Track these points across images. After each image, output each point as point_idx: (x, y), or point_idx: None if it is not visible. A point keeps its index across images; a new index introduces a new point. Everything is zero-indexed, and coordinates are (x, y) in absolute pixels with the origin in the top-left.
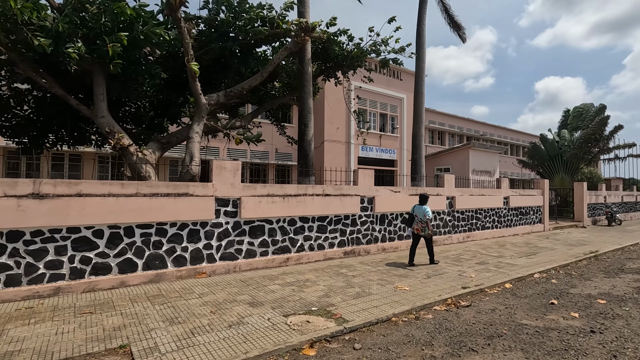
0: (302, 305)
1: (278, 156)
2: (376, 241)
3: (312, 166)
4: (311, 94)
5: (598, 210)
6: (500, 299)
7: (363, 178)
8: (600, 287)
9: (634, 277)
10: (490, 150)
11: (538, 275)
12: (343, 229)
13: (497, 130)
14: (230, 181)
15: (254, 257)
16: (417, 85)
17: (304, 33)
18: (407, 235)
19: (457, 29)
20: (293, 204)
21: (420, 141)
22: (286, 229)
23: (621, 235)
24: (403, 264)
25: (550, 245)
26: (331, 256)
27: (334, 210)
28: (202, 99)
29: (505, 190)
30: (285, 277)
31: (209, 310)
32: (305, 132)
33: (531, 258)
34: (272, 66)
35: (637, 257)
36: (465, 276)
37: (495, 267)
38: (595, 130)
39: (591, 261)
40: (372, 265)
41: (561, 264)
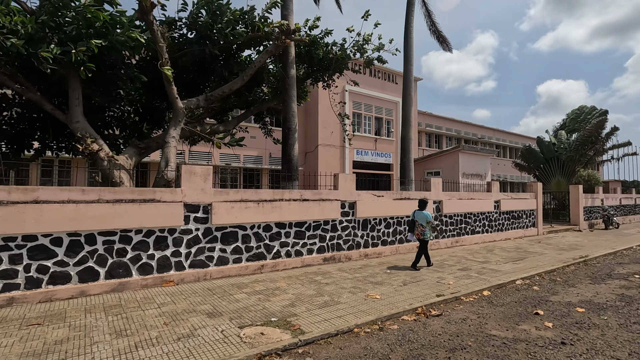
0: (263, 315)
1: (272, 161)
2: (358, 247)
3: (295, 171)
4: (295, 97)
5: (595, 214)
6: (475, 308)
7: (344, 182)
8: (583, 294)
9: (621, 284)
10: (481, 153)
11: (520, 281)
12: (322, 235)
13: (495, 133)
14: (201, 186)
15: (226, 265)
16: (405, 88)
17: (284, 36)
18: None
19: (442, 41)
20: (268, 210)
21: (409, 145)
22: (261, 235)
23: (616, 239)
24: (383, 271)
25: (541, 249)
26: (309, 263)
27: (313, 216)
28: (179, 103)
29: (496, 194)
30: (255, 285)
31: (163, 321)
32: (288, 136)
33: (517, 264)
34: (252, 70)
35: (628, 262)
36: (444, 283)
37: (477, 274)
38: (592, 133)
39: (579, 266)
40: (349, 272)
41: (547, 270)
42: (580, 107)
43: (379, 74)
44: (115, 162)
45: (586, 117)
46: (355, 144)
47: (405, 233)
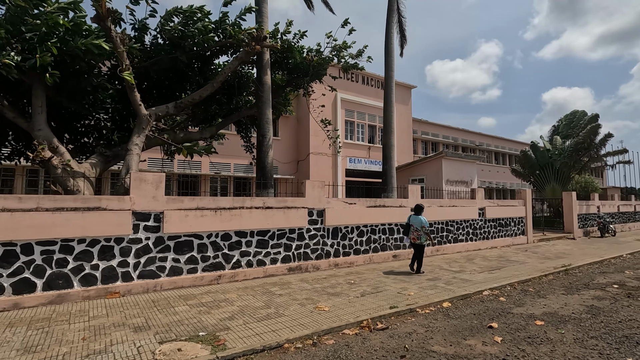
0: (193, 329)
1: None
2: (328, 256)
3: (270, 178)
4: (269, 104)
5: (591, 221)
6: (427, 321)
7: (312, 190)
8: (550, 305)
9: (595, 294)
10: (465, 159)
11: (488, 292)
12: (288, 244)
13: (494, 141)
14: (152, 194)
15: (180, 275)
16: (386, 95)
17: (254, 42)
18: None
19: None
20: (227, 218)
21: (391, 152)
22: (219, 244)
23: (609, 247)
24: (347, 281)
25: (524, 258)
26: (273, 273)
27: (277, 224)
28: (142, 110)
29: (480, 201)
30: (204, 297)
31: (83, 336)
32: (263, 143)
33: (493, 273)
34: (223, 76)
35: (612, 271)
36: (404, 294)
37: (444, 284)
38: (585, 139)
39: (559, 276)
40: (311, 282)
41: (522, 280)
42: (573, 112)
43: (372, 82)
44: (71, 170)
45: (578, 122)
46: (348, 152)
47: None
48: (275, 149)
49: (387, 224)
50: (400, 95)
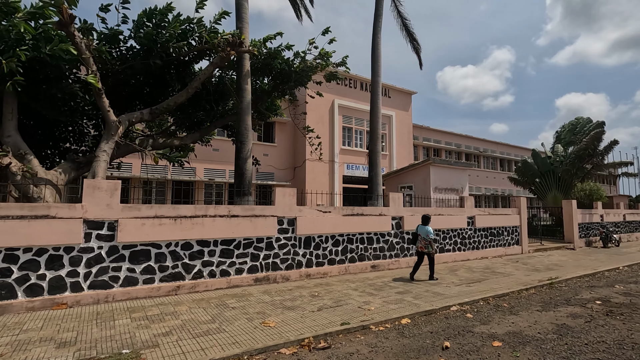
0: (119, 346)
1: (259, 176)
2: (299, 266)
3: (248, 185)
4: (249, 110)
5: (593, 230)
6: (377, 339)
7: (282, 197)
8: (519, 323)
9: (572, 311)
10: (455, 166)
11: (456, 307)
12: (255, 254)
13: (499, 147)
14: (106, 202)
15: (135, 285)
16: (372, 100)
17: (230, 47)
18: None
19: (416, 50)
20: (188, 226)
21: (377, 158)
22: (179, 253)
23: (608, 258)
24: (311, 293)
25: (511, 270)
26: (237, 283)
27: (243, 233)
28: (111, 116)
29: (470, 210)
30: (152, 309)
31: (1, 352)
32: (241, 150)
33: (471, 286)
34: (198, 82)
35: (602, 285)
36: (365, 309)
37: (413, 298)
38: (588, 145)
39: (541, 290)
40: (274, 294)
41: (499, 294)
42: (577, 119)
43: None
44: (31, 177)
45: (582, 129)
46: (346, 159)
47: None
48: (271, 155)
49: (365, 233)
50: (401, 101)
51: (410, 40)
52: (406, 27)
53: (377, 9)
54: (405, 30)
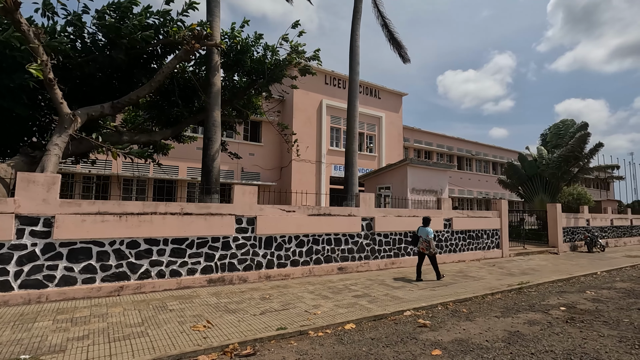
0: (22, 350)
1: (244, 175)
2: (259, 267)
3: (215, 183)
4: (218, 106)
5: (579, 235)
6: (311, 346)
7: (241, 195)
8: (470, 330)
9: (531, 318)
10: (434, 167)
11: (410, 313)
12: (210, 254)
13: (492, 150)
14: (42, 197)
15: (73, 285)
16: (350, 98)
17: (195, 41)
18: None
19: (398, 47)
20: (135, 224)
21: (353, 158)
22: (124, 252)
23: (589, 263)
24: (261, 296)
25: (484, 274)
26: (189, 284)
27: (197, 232)
28: (64, 108)
29: (447, 211)
30: (83, 311)
31: None
32: (209, 146)
33: (435, 290)
34: (161, 76)
35: (574, 291)
36: (312, 312)
37: (368, 302)
38: (574, 148)
39: (508, 295)
40: (222, 296)
41: (461, 299)
42: (562, 121)
43: (360, 88)
44: None
45: (567, 131)
46: (333, 159)
47: None
48: (257, 155)
49: (332, 234)
50: (391, 103)
51: (391, 39)
52: (387, 26)
53: (356, 6)
54: (386, 29)
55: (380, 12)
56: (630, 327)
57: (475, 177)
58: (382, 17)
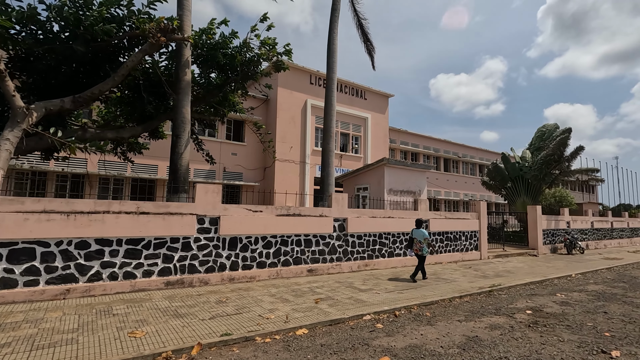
0: None
1: (226, 175)
2: (222, 269)
3: (184, 182)
4: (188, 102)
5: (560, 237)
6: (253, 354)
7: (204, 194)
8: (427, 335)
9: (494, 322)
10: (412, 168)
11: (370, 317)
12: (169, 255)
13: (478, 153)
14: None
15: (13, 288)
16: (327, 97)
17: (161, 34)
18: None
19: (369, 51)
20: (84, 223)
21: (329, 157)
22: (72, 253)
23: (566, 265)
24: (218, 299)
25: (458, 277)
26: (144, 287)
27: (154, 232)
28: (17, 101)
29: (424, 213)
30: (17, 315)
31: None
32: (177, 143)
33: (402, 293)
34: (125, 70)
35: (545, 293)
36: (265, 317)
37: (329, 305)
38: (555, 151)
39: (477, 298)
40: (177, 300)
41: (426, 302)
42: (545, 125)
43: (346, 89)
44: None
45: (550, 135)
46: (318, 160)
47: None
48: (240, 155)
49: (302, 235)
50: (377, 104)
51: (365, 40)
52: (362, 26)
53: (334, 4)
54: (360, 29)
55: (356, 11)
56: (593, 331)
57: (462, 179)
58: (357, 17)
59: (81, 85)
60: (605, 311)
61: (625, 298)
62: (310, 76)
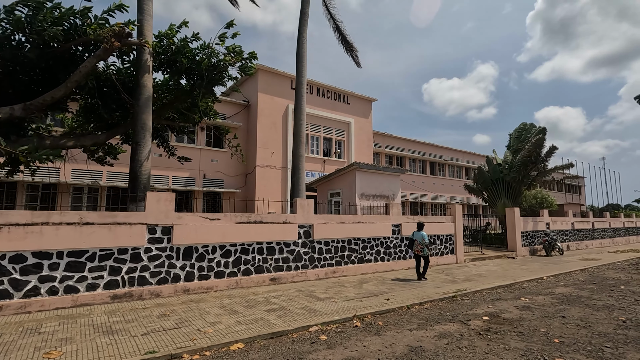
0: None
1: (206, 183)
2: (176, 280)
3: (143, 190)
4: (148, 109)
5: (539, 239)
6: None
7: (156, 202)
8: (371, 347)
9: (445, 330)
10: (385, 172)
11: (317, 328)
12: (116, 267)
13: (464, 156)
14: None
15: None
16: (296, 101)
17: (115, 39)
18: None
19: (350, 50)
20: (20, 236)
21: (300, 162)
22: (5, 268)
23: (541, 267)
24: (162, 314)
25: (425, 282)
26: (88, 301)
27: (100, 243)
28: None
29: (396, 217)
30: None
31: None
32: (136, 150)
33: (361, 301)
34: (78, 76)
35: (509, 297)
36: (203, 331)
37: (276, 317)
38: (531, 152)
39: (439, 304)
40: (116, 315)
41: (383, 310)
42: (523, 125)
43: (328, 93)
44: None
45: (527, 135)
46: None
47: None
48: (221, 162)
49: (265, 243)
50: (360, 108)
51: (343, 41)
52: (338, 29)
53: (303, 7)
54: (337, 32)
55: (331, 15)
56: (543, 338)
57: (449, 183)
58: (333, 20)
59: (38, 94)
60: (563, 315)
61: (589, 301)
62: (292, 81)
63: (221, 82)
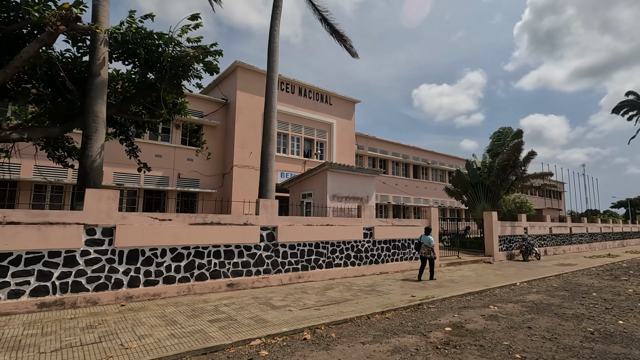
0: None
1: (181, 182)
2: (118, 286)
3: (93, 187)
4: (101, 100)
5: (516, 243)
6: None
7: (96, 201)
8: None
9: (401, 343)
10: (359, 173)
11: (260, 341)
12: (46, 271)
13: (448, 160)
14: None
15: None
16: (267, 97)
17: (60, 22)
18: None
19: (342, 41)
20: None
21: (269, 161)
22: None
23: (516, 273)
24: (90, 325)
25: (393, 288)
26: (9, 310)
27: (26, 245)
28: None
29: (368, 220)
30: None
31: None
32: (87, 145)
33: (319, 310)
34: (19, 61)
35: (478, 305)
36: (125, 346)
37: (217, 328)
38: (510, 156)
39: (402, 313)
40: (34, 327)
41: (339, 320)
42: (502, 129)
43: (310, 93)
44: None
45: (505, 139)
46: (280, 166)
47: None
48: (197, 161)
49: (222, 246)
50: (343, 109)
51: (332, 32)
52: (325, 19)
53: (275, 1)
54: (324, 22)
55: (315, 6)
56: (504, 352)
57: (432, 186)
58: (318, 12)
59: None
60: (530, 326)
61: (559, 309)
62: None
63: (186, 77)
